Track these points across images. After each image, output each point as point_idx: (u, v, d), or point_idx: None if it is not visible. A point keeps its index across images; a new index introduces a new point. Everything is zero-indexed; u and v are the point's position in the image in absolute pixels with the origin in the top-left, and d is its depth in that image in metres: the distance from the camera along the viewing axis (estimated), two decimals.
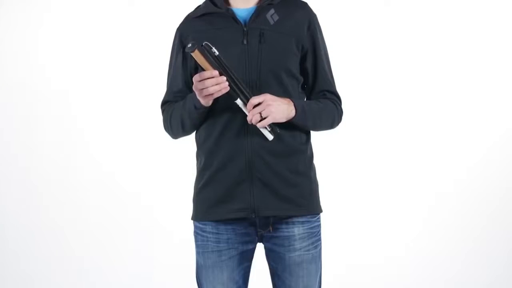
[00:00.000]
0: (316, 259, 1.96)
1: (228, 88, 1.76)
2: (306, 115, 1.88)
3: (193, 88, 1.77)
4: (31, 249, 3.73)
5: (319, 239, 1.97)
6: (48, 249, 3.72)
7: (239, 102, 1.80)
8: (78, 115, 3.73)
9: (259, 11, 1.89)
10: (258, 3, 1.92)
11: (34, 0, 3.72)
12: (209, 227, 1.92)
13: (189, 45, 1.70)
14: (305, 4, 1.97)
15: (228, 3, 1.93)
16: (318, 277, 1.98)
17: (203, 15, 1.93)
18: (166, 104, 2.02)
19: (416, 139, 3.72)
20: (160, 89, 2.11)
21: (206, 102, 1.80)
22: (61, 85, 3.72)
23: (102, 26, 3.72)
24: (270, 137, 1.84)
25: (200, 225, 1.94)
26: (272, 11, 1.90)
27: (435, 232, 3.71)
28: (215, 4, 1.92)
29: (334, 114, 1.98)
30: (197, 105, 1.83)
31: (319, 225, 1.97)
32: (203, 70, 1.75)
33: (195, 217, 1.96)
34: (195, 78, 1.75)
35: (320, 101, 1.95)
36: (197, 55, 1.72)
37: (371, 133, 3.69)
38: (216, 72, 1.73)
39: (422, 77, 3.71)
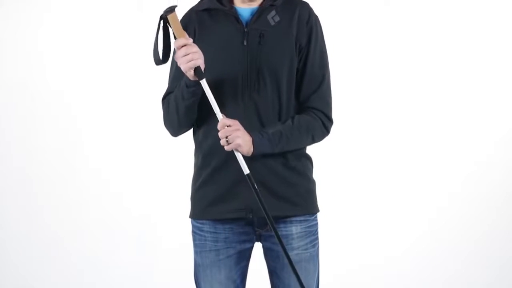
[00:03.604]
0: (314, 258, 1.96)
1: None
2: (266, 147, 1.83)
3: (175, 58, 1.78)
4: (30, 251, 3.73)
5: (317, 238, 1.98)
6: (48, 250, 3.72)
7: (203, 83, 1.77)
8: (78, 115, 3.72)
9: (260, 12, 1.89)
10: (260, 4, 1.92)
11: (34, 0, 3.72)
12: (207, 226, 1.92)
13: (167, 8, 1.72)
14: (306, 4, 1.96)
15: (232, 1, 1.93)
16: (316, 276, 1.98)
17: (206, 10, 1.93)
18: (167, 97, 1.99)
19: (415, 140, 3.71)
20: (159, 90, 2.11)
21: (190, 73, 1.76)
22: (61, 85, 3.72)
23: (102, 27, 3.71)
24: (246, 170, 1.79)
25: (198, 224, 1.94)
26: (273, 12, 1.90)
27: (434, 232, 3.70)
28: (219, 1, 1.91)
29: (312, 130, 1.91)
30: (187, 83, 1.82)
31: (316, 224, 1.98)
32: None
33: (193, 215, 1.96)
34: (175, 44, 1.76)
35: (293, 120, 1.88)
36: (173, 19, 1.73)
37: (369, 134, 3.68)
38: (190, 40, 1.76)
39: (423, 77, 3.71)
